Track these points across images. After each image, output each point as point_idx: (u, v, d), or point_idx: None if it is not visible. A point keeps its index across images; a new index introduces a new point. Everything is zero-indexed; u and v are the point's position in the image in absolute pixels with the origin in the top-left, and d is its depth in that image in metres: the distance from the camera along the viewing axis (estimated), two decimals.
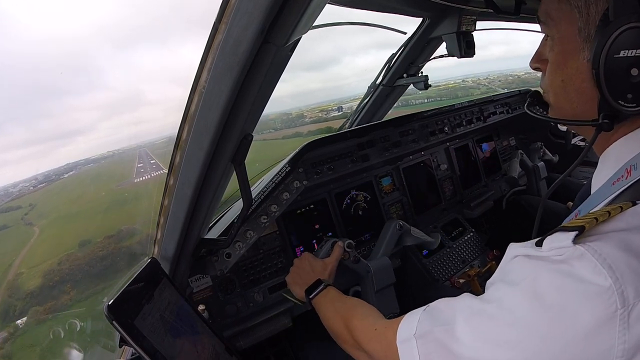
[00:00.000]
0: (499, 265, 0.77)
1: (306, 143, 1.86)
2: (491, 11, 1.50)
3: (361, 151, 2.10)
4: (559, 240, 0.64)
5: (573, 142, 3.22)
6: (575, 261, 0.62)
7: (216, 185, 1.18)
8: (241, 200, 1.31)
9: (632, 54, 0.67)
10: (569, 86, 0.80)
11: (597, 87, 0.72)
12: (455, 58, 2.05)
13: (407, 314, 0.88)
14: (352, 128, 2.51)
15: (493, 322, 0.69)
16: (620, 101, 0.70)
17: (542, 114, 0.92)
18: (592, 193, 0.83)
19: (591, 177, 0.87)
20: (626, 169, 0.75)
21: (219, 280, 1.75)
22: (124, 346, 1.42)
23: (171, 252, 1.40)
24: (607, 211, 0.65)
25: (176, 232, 1.31)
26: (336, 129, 2.77)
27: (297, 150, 1.82)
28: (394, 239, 1.90)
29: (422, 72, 2.41)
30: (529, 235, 0.99)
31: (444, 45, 2.10)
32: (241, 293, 1.82)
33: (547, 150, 3.06)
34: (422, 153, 2.56)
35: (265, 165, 2.04)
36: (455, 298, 0.81)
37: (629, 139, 0.78)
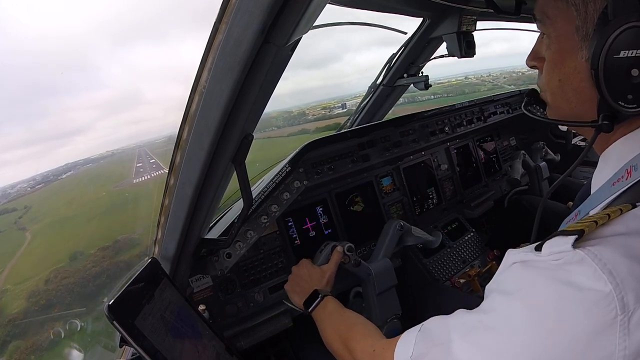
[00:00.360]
0: (498, 267, 0.76)
1: (306, 143, 1.86)
2: (491, 11, 1.50)
3: (361, 151, 2.10)
4: (558, 245, 0.64)
5: (573, 142, 3.22)
6: (575, 266, 0.61)
7: (217, 185, 1.18)
8: (241, 200, 1.31)
9: (633, 54, 0.66)
10: (566, 86, 0.79)
11: (596, 88, 0.71)
12: (454, 58, 2.05)
13: (403, 334, 0.88)
14: (353, 128, 2.51)
15: (490, 335, 0.68)
16: (620, 102, 0.69)
17: (540, 115, 0.92)
18: (592, 193, 0.82)
19: (591, 177, 0.87)
20: (626, 169, 0.74)
21: (219, 280, 1.75)
22: (124, 346, 1.42)
23: (172, 252, 1.40)
24: (607, 214, 0.64)
25: (177, 232, 1.31)
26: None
27: (298, 150, 1.82)
28: (394, 239, 1.87)
29: (422, 72, 2.41)
30: (528, 235, 0.99)
31: (444, 45, 2.10)
32: (241, 293, 1.82)
33: (549, 150, 3.06)
34: (423, 153, 2.55)
35: (270, 164, 2.03)
36: (449, 316, 0.81)
37: (629, 139, 0.77)
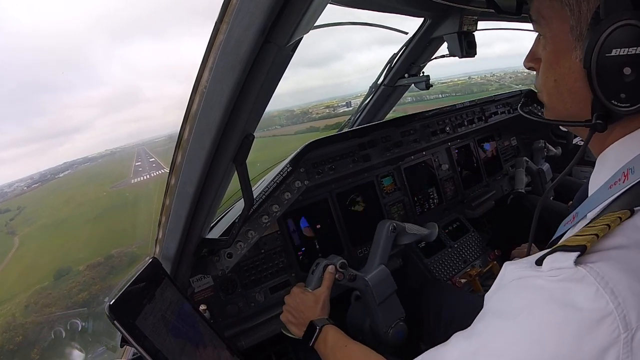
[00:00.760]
0: (499, 267, 0.75)
1: (307, 143, 1.86)
2: (492, 11, 1.50)
3: (362, 151, 2.10)
4: (559, 261, 0.63)
5: (574, 142, 3.22)
6: (575, 284, 0.60)
7: (217, 185, 1.18)
8: (242, 200, 1.31)
9: (624, 53, 0.65)
10: (561, 86, 0.79)
11: (589, 87, 0.71)
12: (455, 58, 2.05)
13: None
14: (354, 128, 2.51)
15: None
16: (613, 101, 0.69)
17: (535, 115, 0.92)
18: (589, 196, 0.82)
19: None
20: (623, 172, 0.73)
21: (220, 280, 1.75)
22: (125, 346, 1.43)
23: (172, 252, 1.40)
24: (607, 224, 0.63)
25: (178, 231, 1.31)
26: None
27: (299, 150, 1.82)
28: (389, 242, 1.81)
29: (423, 72, 2.41)
30: (529, 235, 0.99)
31: (445, 45, 2.10)
32: (242, 293, 1.82)
33: (550, 146, 3.06)
34: (424, 153, 2.55)
35: (276, 162, 2.01)
36: (445, 346, 0.78)
37: (626, 141, 0.76)
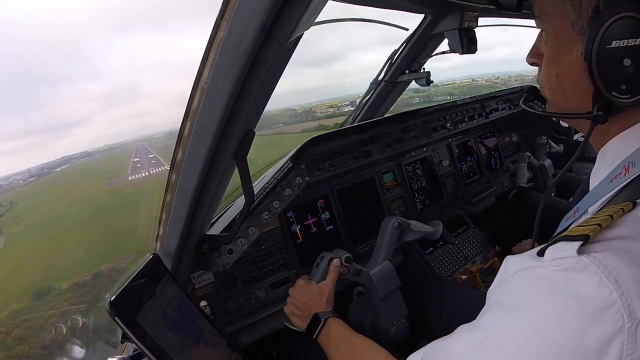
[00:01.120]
0: (499, 263, 0.75)
1: (308, 139, 1.86)
2: (493, 7, 1.49)
3: (363, 147, 2.10)
4: (562, 250, 0.63)
5: (575, 138, 3.22)
6: (578, 274, 0.60)
7: (218, 181, 1.18)
8: (243, 196, 1.31)
9: (624, 44, 0.66)
10: (563, 80, 0.79)
11: (590, 80, 0.71)
12: (458, 60, 2.05)
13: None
14: (354, 124, 2.51)
15: (495, 352, 0.67)
16: (614, 92, 0.69)
17: (537, 109, 0.92)
18: (590, 190, 0.82)
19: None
20: (624, 165, 0.74)
21: (221, 276, 1.75)
22: (125, 342, 1.43)
23: (173, 248, 1.40)
24: (610, 215, 0.64)
25: (178, 228, 1.31)
26: None
27: (299, 146, 1.82)
28: (394, 238, 1.81)
29: (424, 69, 2.40)
30: (530, 231, 0.99)
31: (446, 41, 2.09)
32: (243, 289, 1.82)
33: (552, 143, 3.06)
34: (424, 149, 2.55)
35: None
36: (450, 337, 0.78)
37: (626, 135, 0.77)
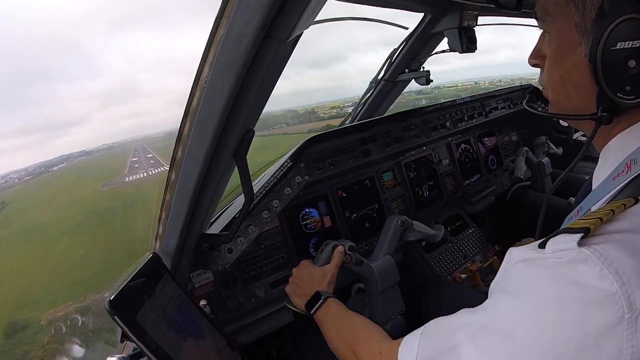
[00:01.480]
0: (499, 262, 0.75)
1: (308, 138, 1.86)
2: (493, 6, 1.50)
3: (363, 146, 2.10)
4: (563, 243, 0.63)
5: (574, 137, 3.23)
6: (580, 265, 0.61)
7: (218, 180, 1.18)
8: (243, 195, 1.31)
9: (629, 46, 0.66)
10: (567, 81, 0.80)
11: (595, 81, 0.71)
12: (459, 63, 2.06)
13: (406, 338, 0.87)
14: (354, 123, 2.51)
15: (498, 339, 0.68)
16: (618, 94, 0.70)
17: (541, 110, 0.92)
18: (593, 189, 0.83)
19: (593, 172, 0.87)
20: (626, 163, 0.74)
21: (220, 275, 1.75)
22: (125, 341, 1.43)
23: (173, 247, 1.40)
24: (611, 209, 0.64)
25: (178, 227, 1.31)
26: None
27: (299, 145, 1.82)
28: (396, 236, 1.85)
29: (423, 68, 2.40)
30: (530, 230, 0.99)
31: (445, 40, 2.09)
32: (243, 288, 1.82)
33: (551, 144, 3.06)
34: (424, 148, 2.55)
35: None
36: (451, 317, 0.80)
37: (628, 133, 0.77)
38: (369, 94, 2.62)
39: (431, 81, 2.38)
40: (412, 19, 2.15)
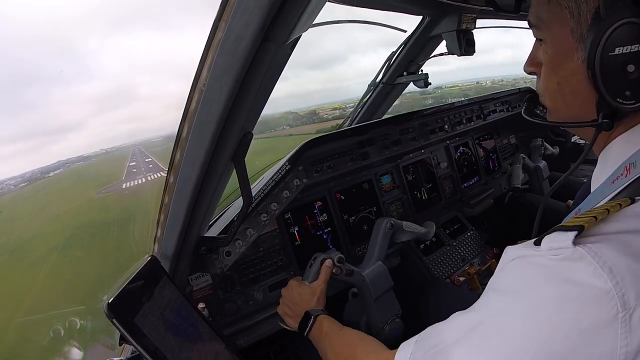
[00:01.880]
0: (497, 265, 0.76)
1: (306, 141, 1.86)
2: (491, 9, 1.50)
3: (361, 149, 2.10)
4: (557, 240, 0.64)
5: (573, 140, 3.23)
6: (574, 263, 0.61)
7: (216, 183, 1.18)
8: (241, 198, 1.31)
9: (627, 50, 0.66)
10: (565, 88, 0.79)
11: (593, 87, 0.71)
12: (457, 63, 2.06)
13: (402, 345, 0.87)
14: (352, 126, 2.51)
15: (489, 335, 0.68)
16: (618, 99, 0.69)
17: (540, 119, 0.92)
18: (591, 192, 0.83)
19: (591, 175, 0.87)
20: (625, 166, 0.74)
21: (219, 278, 1.75)
22: (123, 344, 1.43)
23: (171, 250, 1.40)
24: (606, 209, 0.64)
25: (176, 230, 1.31)
26: None
27: (297, 148, 1.82)
28: (386, 239, 1.81)
29: (422, 70, 2.41)
30: (528, 233, 0.99)
31: (444, 43, 2.10)
32: (241, 291, 1.82)
33: (547, 145, 3.06)
34: (422, 151, 2.55)
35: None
36: (444, 321, 0.79)
37: (627, 136, 0.77)
38: (367, 97, 2.62)
39: (429, 84, 2.38)
40: (410, 22, 2.16)
